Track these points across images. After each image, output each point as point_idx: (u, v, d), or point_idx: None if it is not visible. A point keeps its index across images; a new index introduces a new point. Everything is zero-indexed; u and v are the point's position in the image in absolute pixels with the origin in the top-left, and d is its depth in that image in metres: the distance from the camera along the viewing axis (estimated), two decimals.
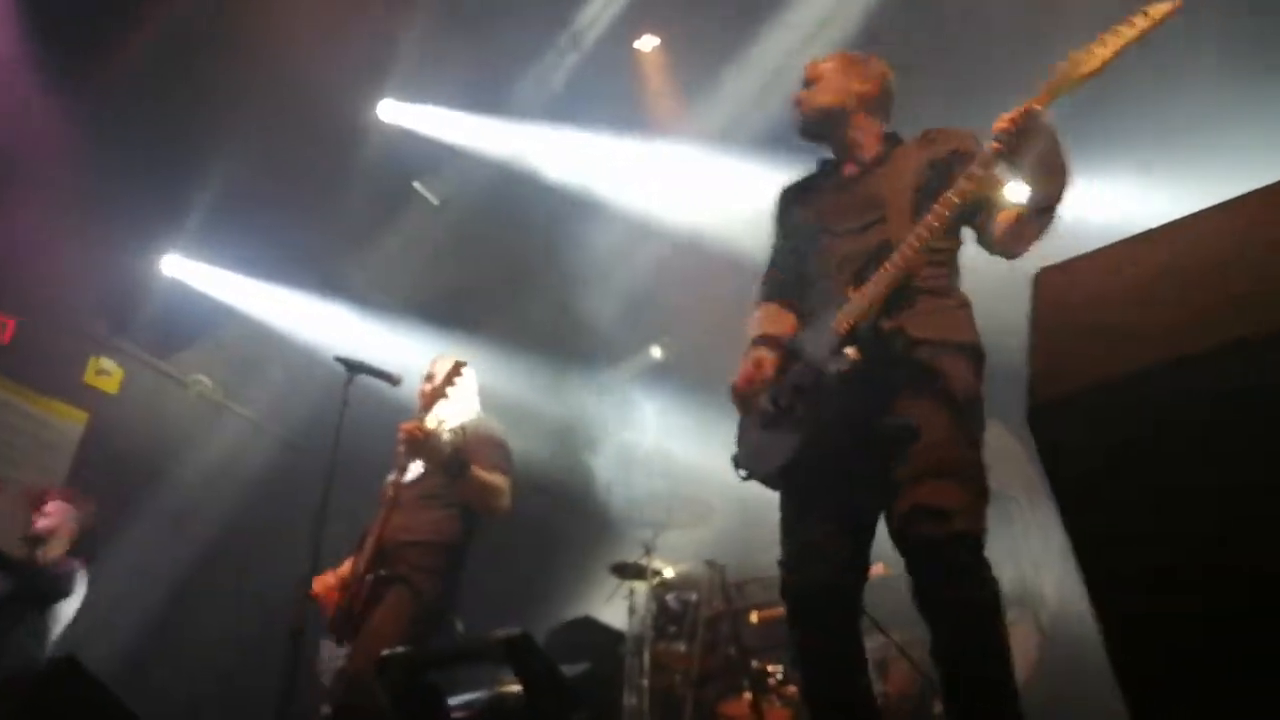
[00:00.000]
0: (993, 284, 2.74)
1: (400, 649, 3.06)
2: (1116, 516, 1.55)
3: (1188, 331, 1.54)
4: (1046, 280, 1.81)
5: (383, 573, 3.76)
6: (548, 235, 6.98)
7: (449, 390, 3.91)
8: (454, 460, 3.81)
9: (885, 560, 4.44)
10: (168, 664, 5.79)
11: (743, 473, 2.72)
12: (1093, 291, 1.74)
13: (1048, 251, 1.97)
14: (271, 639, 4.45)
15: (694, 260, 6.66)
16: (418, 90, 6.75)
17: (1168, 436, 1.51)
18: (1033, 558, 5.26)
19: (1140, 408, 1.52)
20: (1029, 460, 6.09)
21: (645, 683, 4.89)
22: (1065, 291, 1.77)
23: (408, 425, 3.81)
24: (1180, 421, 1.49)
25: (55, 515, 5.14)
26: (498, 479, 3.94)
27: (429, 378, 4.12)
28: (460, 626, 4.00)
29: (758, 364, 2.69)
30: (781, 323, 2.87)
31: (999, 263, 2.66)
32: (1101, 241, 1.85)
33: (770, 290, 2.99)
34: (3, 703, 2.94)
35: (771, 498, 6.17)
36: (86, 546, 5.23)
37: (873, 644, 4.71)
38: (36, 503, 5.21)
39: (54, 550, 5.08)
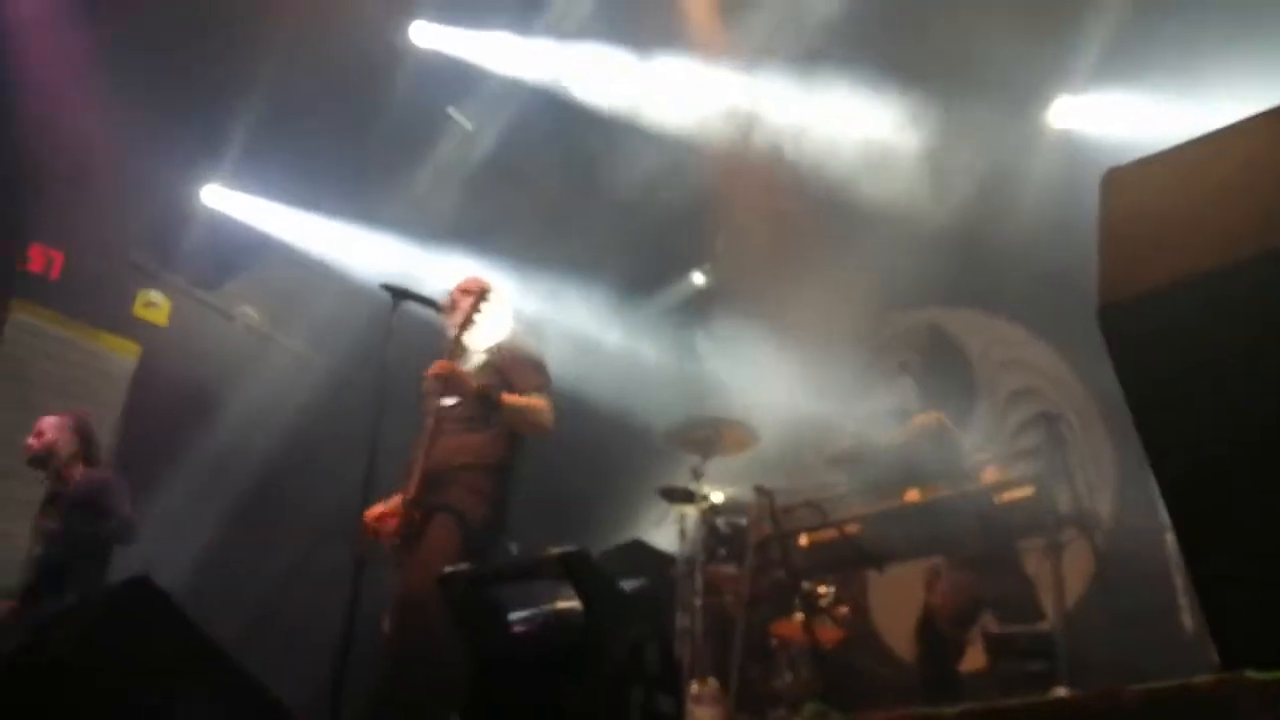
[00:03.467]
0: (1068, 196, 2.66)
1: (460, 566, 3.10)
2: (1183, 412, 1.55)
3: (1258, 230, 1.51)
4: (1116, 181, 1.79)
5: (432, 499, 3.79)
6: (586, 157, 6.91)
7: (475, 315, 3.91)
8: (483, 395, 3.83)
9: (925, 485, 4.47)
10: (222, 591, 5.91)
11: None
12: (1161, 192, 1.72)
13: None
14: (323, 564, 4.56)
15: (739, 181, 6.57)
16: (451, 12, 6.65)
17: (1236, 334, 1.50)
18: (1087, 479, 5.22)
19: (1204, 306, 1.52)
20: (1080, 384, 6.04)
21: (698, 603, 4.96)
22: (1135, 192, 1.75)
23: (435, 367, 3.82)
24: (1250, 319, 1.48)
25: (48, 431, 5.14)
26: (535, 399, 3.95)
27: (455, 300, 4.11)
28: (514, 549, 4.05)
29: None
30: None
31: (1078, 188, 2.56)
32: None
33: None
34: (79, 618, 3.01)
35: (817, 425, 6.18)
36: (95, 452, 5.26)
37: (921, 566, 4.76)
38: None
39: (69, 466, 5.10)
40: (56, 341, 6.15)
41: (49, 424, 5.17)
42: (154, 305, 6.63)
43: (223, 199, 6.82)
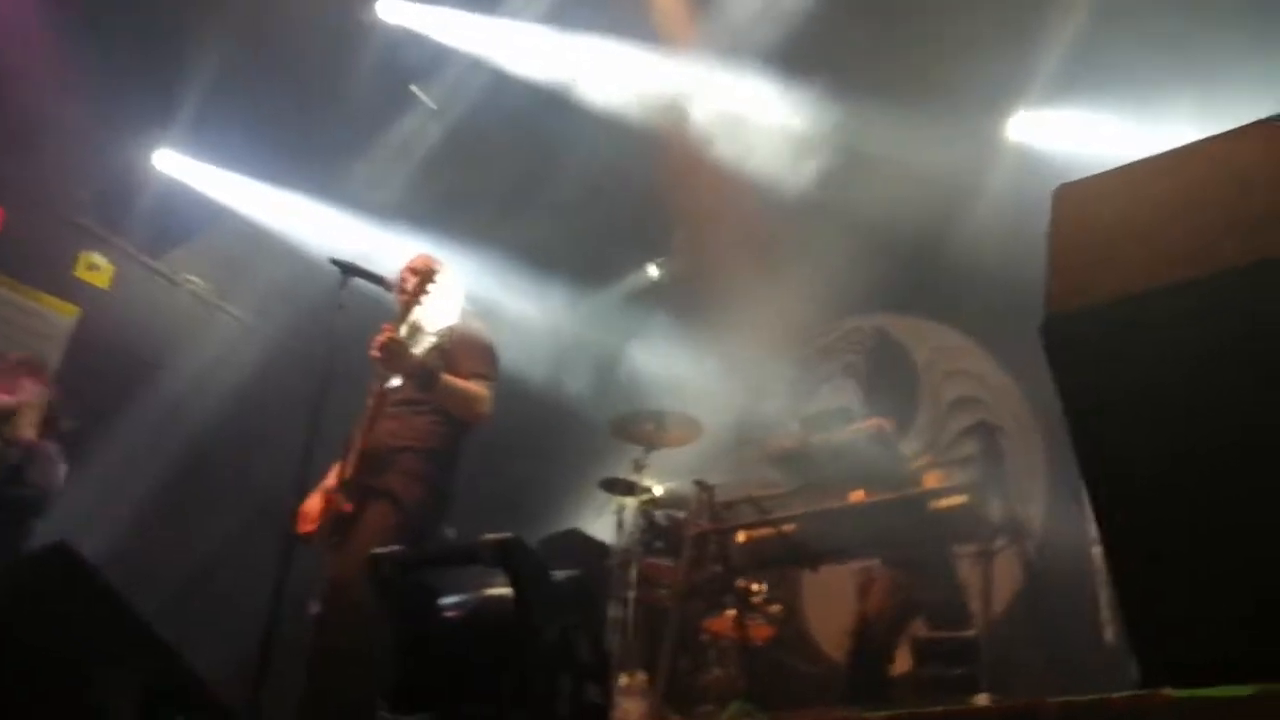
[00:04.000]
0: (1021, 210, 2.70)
1: (390, 548, 3.07)
2: (1117, 428, 1.56)
3: (1206, 250, 1.53)
4: (1066, 196, 1.81)
5: (369, 482, 3.75)
6: (546, 143, 6.87)
7: (424, 295, 3.86)
8: (421, 372, 3.77)
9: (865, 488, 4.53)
10: (156, 559, 5.82)
11: None
12: (1111, 208, 1.74)
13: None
14: (259, 537, 4.50)
15: (695, 177, 6.58)
16: None
17: (1179, 352, 1.51)
18: (1020, 489, 5.32)
19: (1153, 323, 1.53)
20: (1020, 397, 6.14)
21: (631, 595, 4.97)
22: (1085, 208, 1.77)
23: (379, 337, 3.76)
24: (1189, 339, 1.50)
25: (23, 391, 5.03)
26: (475, 386, 3.91)
27: (404, 278, 4.06)
28: (451, 534, 4.03)
29: None
30: None
31: (1031, 202, 2.59)
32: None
33: None
34: None
35: (761, 422, 6.22)
36: (51, 429, 5.16)
37: (854, 567, 4.83)
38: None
39: (23, 430, 4.99)
40: None
41: (24, 383, 5.07)
42: (96, 268, 6.49)
43: (174, 164, 6.69)
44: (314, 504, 3.84)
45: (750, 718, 3.85)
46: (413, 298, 3.86)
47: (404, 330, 3.82)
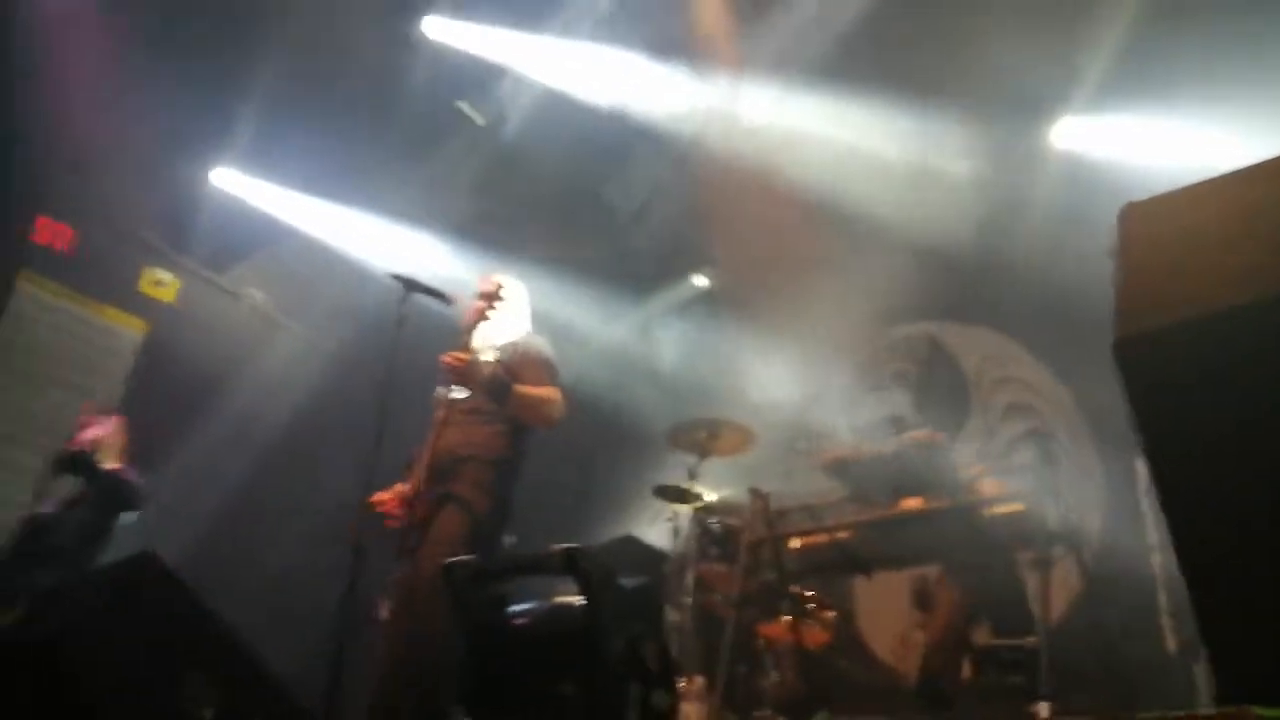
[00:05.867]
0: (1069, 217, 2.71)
1: (463, 557, 3.15)
2: (1196, 447, 1.57)
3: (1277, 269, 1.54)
4: (1134, 215, 1.80)
5: (437, 490, 3.83)
6: (594, 158, 6.94)
7: (490, 313, 3.96)
8: (494, 386, 3.86)
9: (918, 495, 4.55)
10: (223, 571, 5.94)
11: None
12: (1181, 228, 1.72)
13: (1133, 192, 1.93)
14: (324, 548, 4.60)
15: (743, 188, 6.62)
16: (465, 7, 6.68)
17: (1252, 373, 1.52)
18: (1076, 497, 5.29)
19: (1226, 344, 1.53)
20: (1073, 404, 6.11)
21: (688, 600, 5.02)
22: (1153, 227, 1.76)
23: (448, 356, 3.86)
24: (1270, 358, 1.50)
25: (104, 426, 5.30)
26: (545, 390, 3.99)
27: (479, 296, 4.15)
28: (511, 541, 4.10)
29: None
30: None
31: (1078, 209, 2.61)
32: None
33: None
34: (83, 592, 3.06)
35: (813, 431, 6.20)
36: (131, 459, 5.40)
37: (912, 574, 4.83)
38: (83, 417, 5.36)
39: (107, 461, 5.24)
40: (62, 314, 6.18)
41: (105, 420, 5.35)
42: (161, 284, 6.67)
43: (234, 182, 6.85)
44: (387, 496, 3.93)
45: None
46: (477, 316, 3.96)
47: (472, 346, 3.92)
